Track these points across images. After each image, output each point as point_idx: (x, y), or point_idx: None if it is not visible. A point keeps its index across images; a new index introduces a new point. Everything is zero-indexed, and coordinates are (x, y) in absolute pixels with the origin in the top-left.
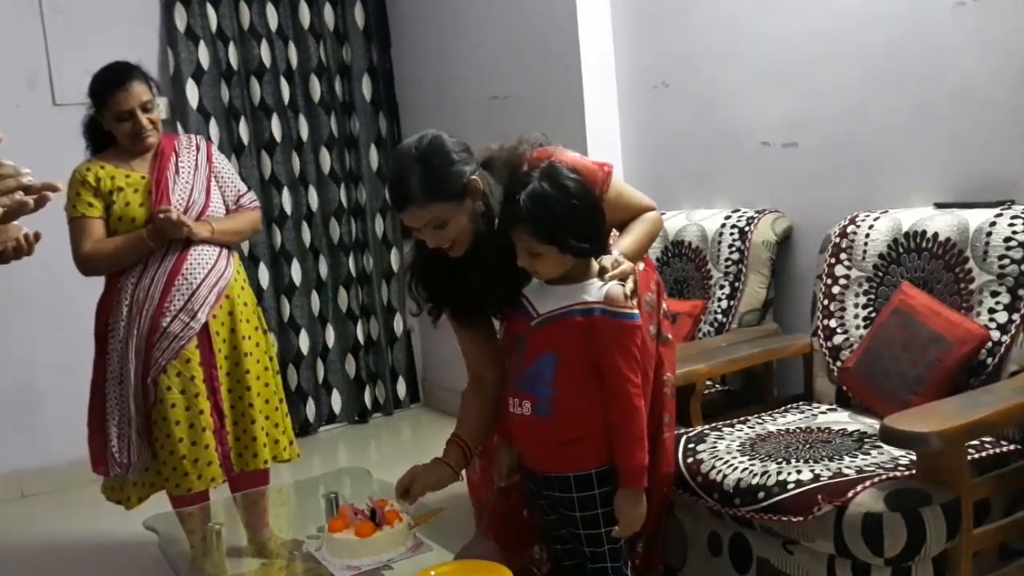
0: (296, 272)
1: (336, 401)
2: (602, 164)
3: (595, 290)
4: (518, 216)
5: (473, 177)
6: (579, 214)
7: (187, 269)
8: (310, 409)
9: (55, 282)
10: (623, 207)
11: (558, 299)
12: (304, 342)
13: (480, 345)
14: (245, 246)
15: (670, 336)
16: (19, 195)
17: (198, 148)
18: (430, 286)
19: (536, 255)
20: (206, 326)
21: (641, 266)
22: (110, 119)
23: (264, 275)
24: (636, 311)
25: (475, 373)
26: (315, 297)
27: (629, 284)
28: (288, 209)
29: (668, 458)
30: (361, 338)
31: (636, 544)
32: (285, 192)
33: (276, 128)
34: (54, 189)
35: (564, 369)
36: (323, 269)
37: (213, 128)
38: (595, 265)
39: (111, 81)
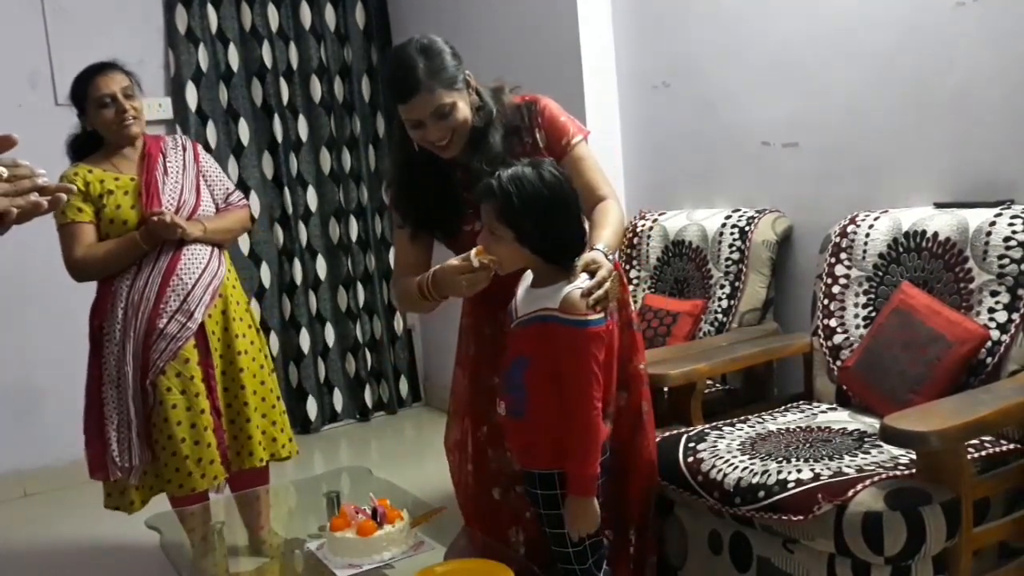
0: (297, 271)
1: (338, 400)
2: (581, 126)
3: (559, 295)
4: (491, 189)
5: (468, 72)
6: (546, 205)
7: (181, 269)
8: (312, 408)
9: (56, 281)
10: (579, 174)
11: (530, 303)
12: (305, 341)
13: (419, 260)
14: (245, 246)
15: (635, 321)
16: (34, 196)
17: (184, 148)
18: (409, 196)
19: (494, 235)
20: (202, 326)
21: None
22: (93, 110)
23: (266, 274)
24: (594, 317)
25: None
26: (316, 296)
27: (604, 289)
28: (289, 209)
29: (650, 445)
30: (362, 337)
31: (628, 532)
32: (286, 192)
33: (277, 128)
34: (68, 191)
35: (533, 373)
36: (323, 268)
37: (213, 129)
38: (577, 268)
39: (91, 70)
